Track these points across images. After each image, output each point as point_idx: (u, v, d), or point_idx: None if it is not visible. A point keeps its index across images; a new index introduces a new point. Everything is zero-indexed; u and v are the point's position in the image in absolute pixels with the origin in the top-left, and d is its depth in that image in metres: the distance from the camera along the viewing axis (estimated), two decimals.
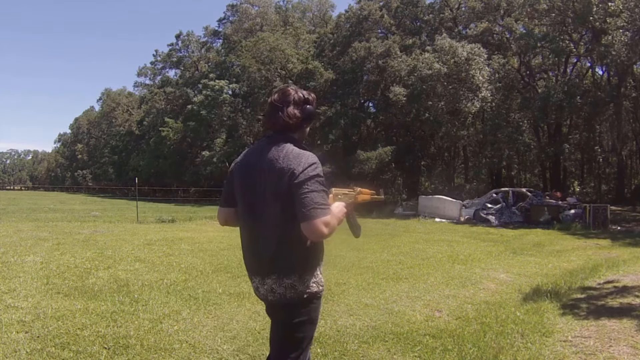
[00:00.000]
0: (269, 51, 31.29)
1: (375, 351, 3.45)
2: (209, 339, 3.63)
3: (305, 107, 1.92)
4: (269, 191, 1.81)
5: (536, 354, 3.41)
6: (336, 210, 1.85)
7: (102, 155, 58.87)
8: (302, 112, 1.90)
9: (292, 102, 1.90)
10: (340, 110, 27.87)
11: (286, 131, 1.89)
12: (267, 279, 1.85)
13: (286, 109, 1.88)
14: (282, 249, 1.82)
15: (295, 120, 1.89)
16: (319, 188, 1.75)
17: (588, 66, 26.90)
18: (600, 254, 8.86)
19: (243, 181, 1.92)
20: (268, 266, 1.85)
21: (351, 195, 2.07)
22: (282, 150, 1.83)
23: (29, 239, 9.11)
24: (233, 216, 2.00)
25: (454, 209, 17.71)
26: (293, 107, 1.89)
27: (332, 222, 1.75)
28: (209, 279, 5.81)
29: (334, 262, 7.00)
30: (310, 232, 1.71)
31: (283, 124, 1.88)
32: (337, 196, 2.01)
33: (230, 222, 2.03)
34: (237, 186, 1.95)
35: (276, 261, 1.82)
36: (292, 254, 1.82)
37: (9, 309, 4.19)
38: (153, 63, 52.31)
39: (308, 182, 1.74)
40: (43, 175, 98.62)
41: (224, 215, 2.03)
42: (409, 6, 30.62)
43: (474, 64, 21.62)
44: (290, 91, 1.92)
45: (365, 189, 2.14)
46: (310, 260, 1.86)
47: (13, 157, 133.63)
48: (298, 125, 1.91)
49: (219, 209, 2.05)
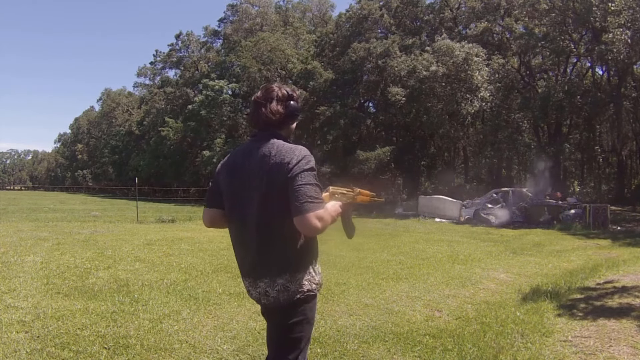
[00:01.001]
0: (270, 51, 31.32)
1: (375, 351, 3.45)
2: (209, 339, 3.63)
3: (289, 103, 1.90)
4: (260, 190, 1.78)
5: (536, 354, 3.41)
6: (331, 208, 1.83)
7: (102, 155, 58.85)
8: (286, 108, 1.89)
9: (275, 98, 1.89)
10: (339, 110, 27.86)
11: (271, 128, 1.88)
12: (259, 282, 1.83)
13: (269, 105, 1.87)
14: (271, 249, 1.79)
15: (279, 117, 1.87)
16: (313, 181, 1.73)
17: (588, 66, 26.90)
18: (600, 254, 8.86)
19: (231, 182, 1.89)
20: (260, 267, 1.82)
21: (349, 195, 2.03)
22: (272, 147, 1.80)
23: (29, 239, 9.11)
24: (219, 217, 1.96)
25: (454, 209, 17.72)
26: (276, 103, 1.88)
27: (325, 217, 1.73)
28: (209, 279, 5.81)
29: (334, 262, 7.00)
30: (303, 226, 1.68)
31: (266, 120, 1.87)
32: (335, 195, 1.98)
33: (216, 224, 1.99)
34: (224, 187, 1.92)
35: (266, 262, 1.80)
36: (284, 252, 1.79)
37: (9, 309, 4.19)
38: (153, 63, 52.39)
39: (302, 174, 1.72)
40: (43, 175, 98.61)
41: (210, 216, 1.98)
42: (409, 6, 30.63)
43: (473, 65, 21.63)
44: (273, 88, 1.92)
45: (365, 191, 2.11)
46: (303, 258, 1.83)
47: (13, 157, 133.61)
48: (282, 122, 1.89)
49: (205, 210, 2.00)
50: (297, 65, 31.22)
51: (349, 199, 2.01)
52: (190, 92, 41.32)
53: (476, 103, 22.23)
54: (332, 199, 1.93)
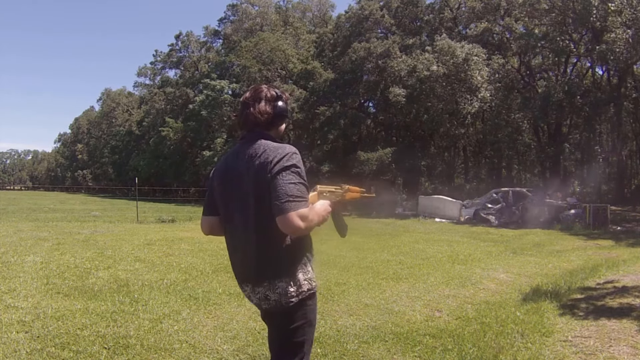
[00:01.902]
0: (270, 51, 31.32)
1: (375, 351, 3.45)
2: (209, 339, 3.63)
3: (277, 104, 1.88)
4: (250, 193, 1.76)
5: (536, 354, 3.41)
6: (321, 208, 1.80)
7: (102, 155, 58.89)
8: (274, 109, 1.87)
9: (263, 98, 1.87)
10: (340, 110, 27.87)
11: (259, 129, 1.86)
12: (258, 287, 1.80)
13: (257, 105, 1.86)
14: (269, 252, 1.76)
15: (267, 117, 1.85)
16: (295, 179, 1.68)
17: (588, 66, 26.89)
18: (600, 254, 8.86)
19: (223, 186, 1.87)
20: (257, 272, 1.79)
21: (338, 193, 1.99)
22: (259, 147, 1.78)
23: (29, 239, 9.11)
24: (217, 224, 1.93)
25: (454, 209, 17.72)
26: (264, 104, 1.86)
27: (310, 216, 1.68)
28: (209, 279, 5.81)
29: (334, 262, 7.00)
30: (285, 226, 1.64)
31: (254, 121, 1.85)
32: (323, 194, 1.93)
33: (215, 231, 1.96)
34: (217, 192, 1.90)
35: (265, 266, 1.77)
36: (281, 255, 1.76)
37: (9, 309, 4.19)
38: (153, 63, 52.45)
39: (282, 172, 1.68)
40: (43, 175, 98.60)
41: (209, 224, 1.95)
42: (409, 6, 30.63)
43: (473, 65, 21.62)
44: (262, 88, 1.91)
45: (354, 187, 2.06)
46: (297, 257, 1.80)
47: (13, 157, 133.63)
48: (270, 122, 1.87)
49: (203, 219, 1.97)
50: (298, 65, 31.22)
51: (338, 197, 1.97)
52: (190, 92, 41.32)
53: (476, 103, 22.23)
54: (320, 198, 1.90)
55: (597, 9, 19.25)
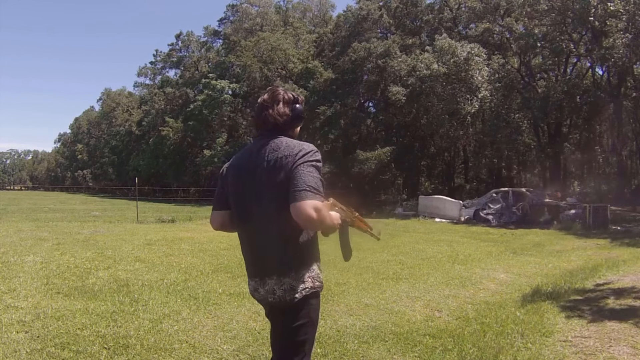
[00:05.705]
0: (270, 50, 31.31)
1: (375, 351, 3.45)
2: (209, 339, 3.63)
3: (295, 106, 1.93)
4: (267, 188, 1.79)
5: (536, 354, 3.41)
6: (333, 214, 1.83)
7: (102, 155, 58.88)
8: (292, 111, 1.92)
9: (281, 100, 1.91)
10: (340, 110, 27.85)
11: (276, 130, 1.89)
12: (268, 280, 1.83)
13: (276, 107, 1.90)
14: (281, 247, 1.80)
15: (285, 118, 1.90)
16: (315, 174, 1.72)
17: (588, 66, 26.86)
18: (600, 254, 8.85)
19: (239, 182, 1.89)
20: (269, 266, 1.83)
21: (348, 214, 1.99)
22: (281, 142, 1.82)
23: (29, 239, 9.10)
24: (228, 219, 1.96)
25: (454, 209, 17.71)
26: (283, 106, 1.91)
27: (324, 211, 1.69)
28: (209, 279, 5.81)
29: (334, 262, 6.97)
30: (299, 213, 1.64)
31: (273, 122, 1.89)
32: (335, 207, 1.94)
33: (226, 226, 1.98)
34: (231, 188, 1.92)
35: (276, 260, 1.81)
36: (289, 250, 1.80)
37: (9, 309, 4.19)
38: (153, 63, 52.33)
39: (305, 164, 1.72)
40: (43, 175, 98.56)
41: (220, 219, 1.98)
42: (408, 6, 30.60)
43: (473, 64, 21.61)
44: (279, 91, 1.95)
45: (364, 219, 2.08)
46: (305, 255, 1.83)
47: (13, 157, 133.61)
48: (288, 124, 1.91)
49: (213, 213, 1.99)
50: (298, 65, 31.21)
51: (347, 218, 1.98)
52: (190, 92, 41.28)
53: (476, 103, 22.21)
54: (332, 209, 1.91)
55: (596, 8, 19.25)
